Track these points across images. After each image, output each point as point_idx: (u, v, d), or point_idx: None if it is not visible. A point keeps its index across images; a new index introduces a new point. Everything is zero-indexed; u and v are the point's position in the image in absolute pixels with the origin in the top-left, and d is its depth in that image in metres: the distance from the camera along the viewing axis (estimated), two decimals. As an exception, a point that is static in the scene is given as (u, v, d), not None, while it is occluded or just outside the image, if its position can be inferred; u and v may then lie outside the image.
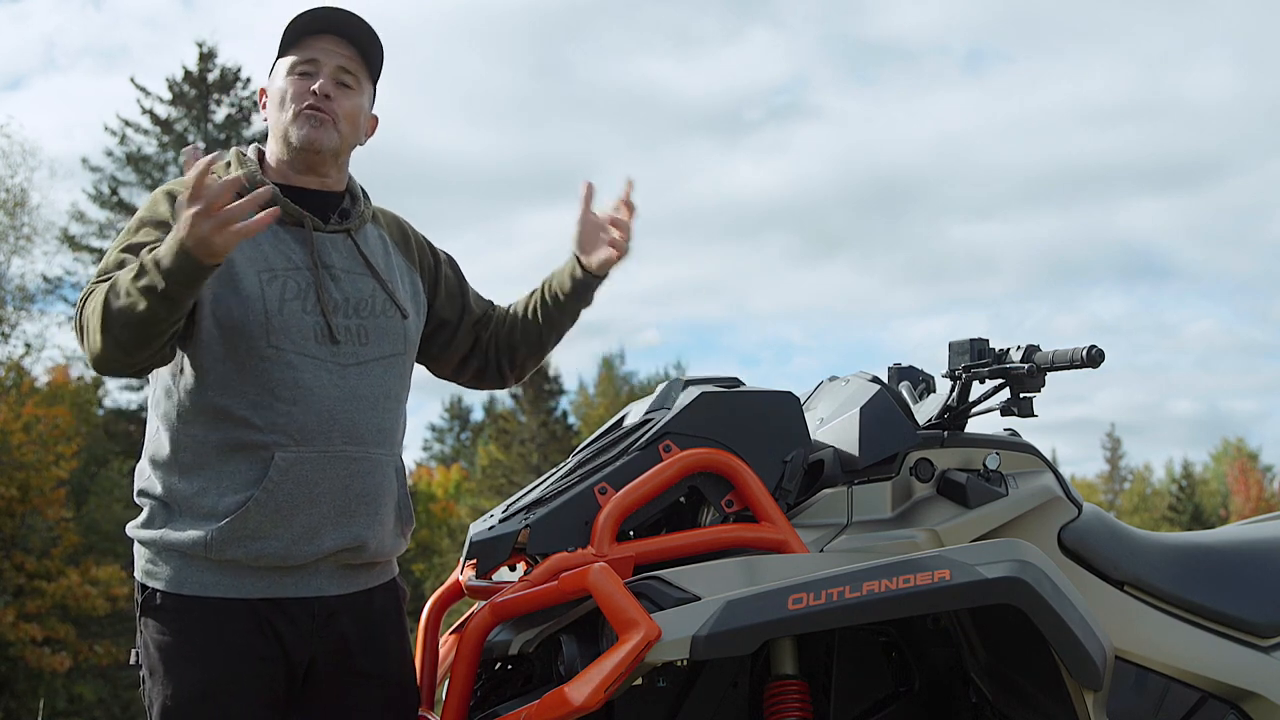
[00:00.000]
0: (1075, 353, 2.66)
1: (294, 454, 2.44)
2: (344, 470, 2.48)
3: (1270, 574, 2.91)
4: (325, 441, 2.46)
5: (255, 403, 2.44)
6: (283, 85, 2.58)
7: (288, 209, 2.55)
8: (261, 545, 2.43)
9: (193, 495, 2.45)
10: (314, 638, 2.49)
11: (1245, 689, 2.77)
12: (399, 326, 2.62)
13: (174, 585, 2.46)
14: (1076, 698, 2.50)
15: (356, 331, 2.54)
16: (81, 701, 21.37)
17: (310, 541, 2.46)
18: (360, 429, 2.51)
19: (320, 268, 2.54)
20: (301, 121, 2.55)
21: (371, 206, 2.71)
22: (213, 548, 2.42)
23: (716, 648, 2.32)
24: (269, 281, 2.48)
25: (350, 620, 2.53)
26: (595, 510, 2.52)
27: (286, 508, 2.43)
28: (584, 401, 42.83)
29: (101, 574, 20.44)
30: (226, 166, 2.61)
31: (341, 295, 2.55)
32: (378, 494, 2.53)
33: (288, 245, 2.53)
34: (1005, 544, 2.49)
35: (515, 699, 2.58)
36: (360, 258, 2.61)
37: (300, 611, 2.48)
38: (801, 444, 2.66)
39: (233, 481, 2.44)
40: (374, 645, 2.56)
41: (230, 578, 2.44)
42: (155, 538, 2.48)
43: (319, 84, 2.55)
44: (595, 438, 2.79)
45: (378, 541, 2.55)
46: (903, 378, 3.10)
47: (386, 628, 2.60)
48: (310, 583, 2.49)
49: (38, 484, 20.04)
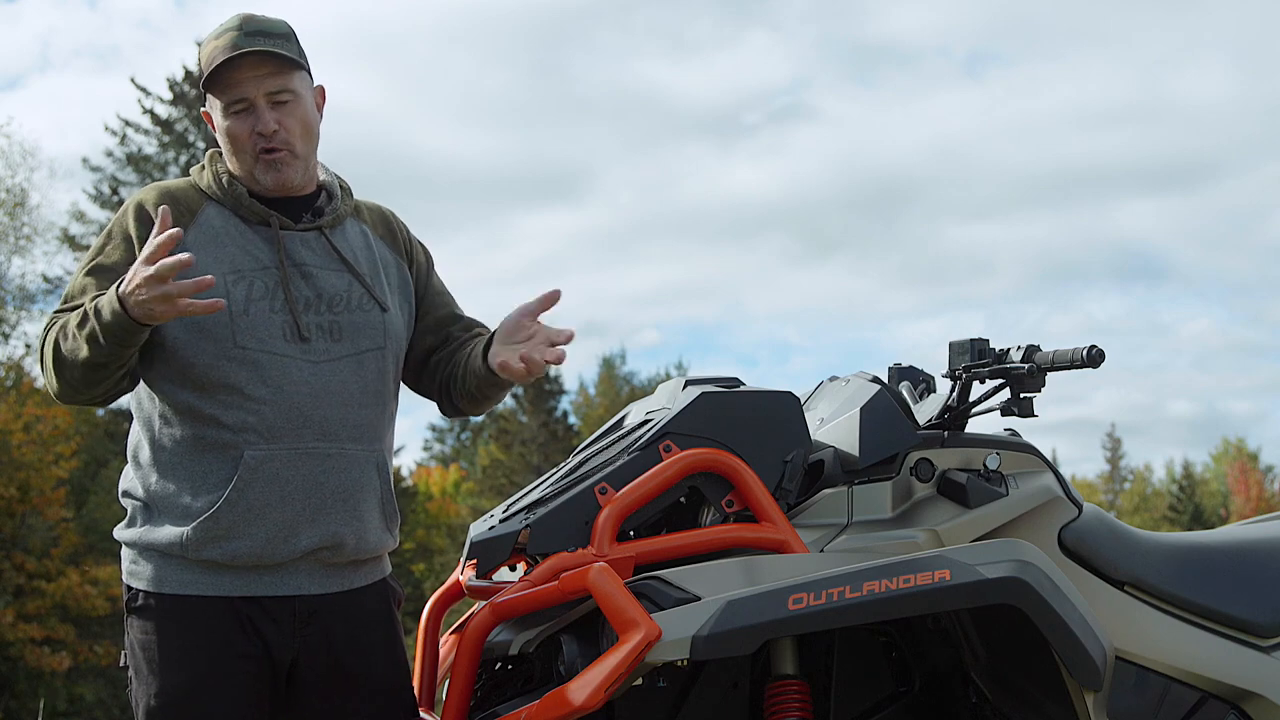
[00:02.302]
0: (1076, 353, 2.67)
1: (263, 451, 2.45)
2: (317, 467, 2.48)
3: (1270, 574, 2.91)
4: (295, 438, 2.47)
5: (225, 402, 2.45)
6: (225, 126, 2.55)
7: (254, 210, 2.56)
8: (236, 545, 2.44)
9: (169, 495, 2.48)
10: (295, 637, 2.49)
11: (1245, 689, 2.77)
12: (377, 320, 2.61)
13: (155, 585, 2.48)
14: (1076, 698, 2.50)
15: (329, 328, 2.54)
16: (81, 701, 21.36)
17: (286, 540, 2.46)
18: (333, 425, 2.50)
19: (289, 266, 2.54)
20: (263, 169, 2.54)
21: (352, 201, 2.71)
22: (189, 547, 2.44)
23: (717, 648, 2.32)
24: (235, 283, 2.50)
25: (335, 620, 2.53)
26: (595, 510, 2.52)
27: (258, 506, 2.44)
28: (584, 401, 42.83)
29: (101, 574, 20.42)
30: (200, 169, 2.62)
31: (313, 292, 2.55)
32: (355, 490, 2.53)
33: (255, 246, 2.55)
34: (1005, 544, 2.49)
35: (515, 699, 2.59)
36: (334, 254, 2.60)
37: (281, 610, 2.48)
38: (802, 444, 2.66)
39: (205, 481, 2.46)
40: (361, 646, 2.55)
41: (209, 576, 2.46)
42: (136, 538, 2.51)
43: (262, 123, 2.51)
44: (595, 438, 2.79)
45: (358, 538, 2.54)
46: (903, 378, 3.10)
47: (376, 628, 2.59)
48: (289, 581, 2.49)
49: (38, 484, 20.03)
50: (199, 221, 2.54)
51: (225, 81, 2.52)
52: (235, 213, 2.56)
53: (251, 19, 2.56)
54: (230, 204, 2.56)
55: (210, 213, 2.56)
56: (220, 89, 2.53)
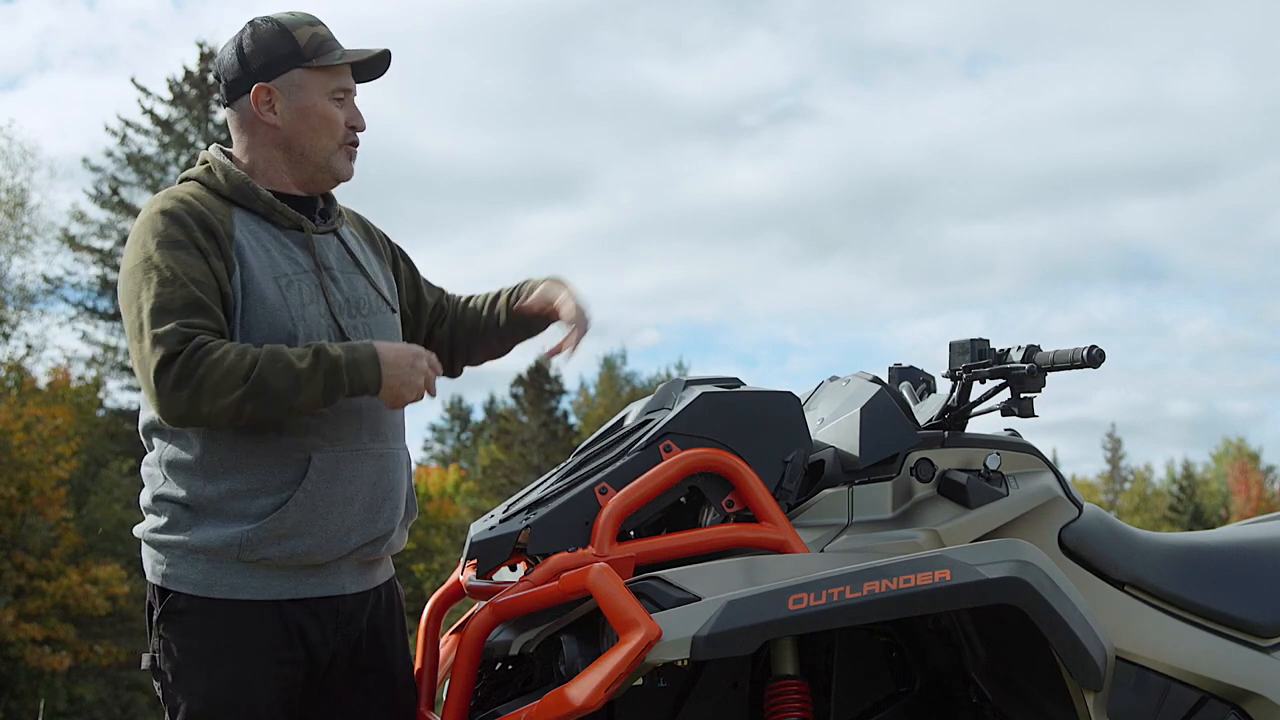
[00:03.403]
0: (1076, 353, 2.67)
1: (330, 454, 2.49)
2: (373, 467, 2.55)
3: (1270, 574, 2.91)
4: (355, 439, 2.52)
5: None
6: (324, 110, 2.58)
7: (287, 214, 2.57)
8: (296, 544, 2.46)
9: (221, 498, 2.46)
10: (337, 636, 2.53)
11: (1246, 689, 2.77)
12: (393, 322, 2.68)
13: (201, 589, 2.46)
14: (1077, 698, 2.50)
15: (363, 330, 2.58)
16: (82, 702, 21.35)
17: (341, 539, 2.50)
18: (382, 425, 2.58)
19: (322, 270, 2.57)
20: (343, 158, 2.62)
21: (338, 205, 2.73)
22: (246, 549, 2.44)
23: (717, 648, 2.32)
24: (286, 288, 2.51)
25: (365, 618, 2.59)
26: (596, 510, 2.52)
27: (323, 506, 2.48)
28: (585, 401, 42.85)
29: (101, 574, 20.43)
30: (207, 170, 2.58)
31: (342, 296, 2.58)
32: (398, 488, 2.61)
33: (290, 250, 2.56)
34: (1005, 544, 2.49)
35: (516, 699, 2.58)
36: (350, 256, 2.65)
37: (325, 610, 2.52)
38: (802, 444, 2.66)
39: (266, 483, 2.46)
40: (379, 640, 2.61)
41: (259, 580, 2.46)
42: (178, 541, 2.47)
43: (359, 118, 2.63)
44: (596, 438, 2.79)
45: (397, 535, 2.62)
46: (903, 378, 3.10)
47: (392, 623, 2.65)
48: (334, 581, 2.52)
49: (38, 484, 20.03)
50: (237, 230, 2.50)
51: (342, 69, 2.60)
52: (266, 218, 2.56)
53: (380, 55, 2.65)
54: (262, 210, 2.55)
55: (241, 219, 2.53)
56: (333, 74, 2.59)
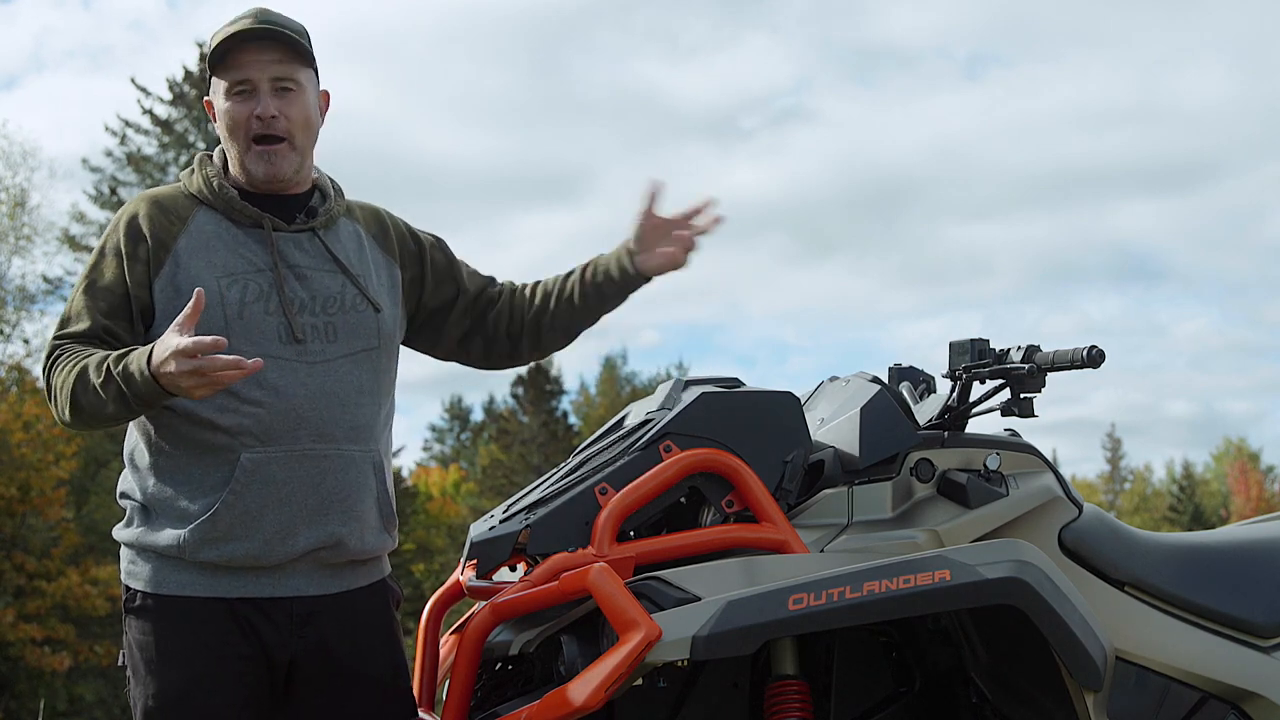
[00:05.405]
0: (1076, 353, 2.66)
1: (260, 454, 2.45)
2: (314, 468, 2.48)
3: (1270, 574, 2.91)
4: (292, 440, 2.47)
5: (221, 406, 2.45)
6: (225, 108, 2.55)
7: (246, 212, 2.56)
8: (234, 547, 2.45)
9: (166, 498, 2.48)
10: (293, 638, 2.49)
11: (1246, 689, 2.77)
12: (371, 321, 2.61)
13: (154, 585, 2.48)
14: (1076, 698, 2.50)
15: (324, 329, 2.54)
16: (81, 701, 21.35)
17: (284, 541, 2.46)
18: (330, 426, 2.50)
19: (283, 268, 2.54)
20: (255, 159, 2.55)
21: (344, 201, 2.71)
22: (187, 549, 2.45)
23: (717, 648, 2.32)
24: (228, 286, 2.49)
25: (332, 621, 2.53)
26: (596, 510, 2.52)
27: (255, 509, 2.45)
28: (585, 401, 42.85)
29: (101, 574, 20.41)
30: (190, 173, 2.61)
31: (308, 293, 2.55)
32: (353, 491, 2.53)
33: (248, 248, 2.54)
34: (1005, 544, 2.49)
35: (516, 699, 2.58)
36: (328, 255, 2.60)
37: (278, 611, 2.48)
38: (802, 444, 2.66)
39: (202, 484, 2.46)
40: (359, 646, 2.55)
41: (207, 578, 2.46)
42: (135, 538, 2.52)
43: (261, 106, 2.52)
44: (596, 438, 2.79)
45: (357, 539, 2.54)
46: (903, 378, 3.10)
47: (373, 629, 2.59)
48: (287, 582, 2.49)
49: (38, 484, 20.02)
50: (190, 228, 2.53)
51: (231, 62, 2.52)
52: (227, 216, 2.56)
53: (267, 11, 2.57)
54: (221, 207, 2.56)
55: (201, 218, 2.55)
56: (225, 69, 2.53)
